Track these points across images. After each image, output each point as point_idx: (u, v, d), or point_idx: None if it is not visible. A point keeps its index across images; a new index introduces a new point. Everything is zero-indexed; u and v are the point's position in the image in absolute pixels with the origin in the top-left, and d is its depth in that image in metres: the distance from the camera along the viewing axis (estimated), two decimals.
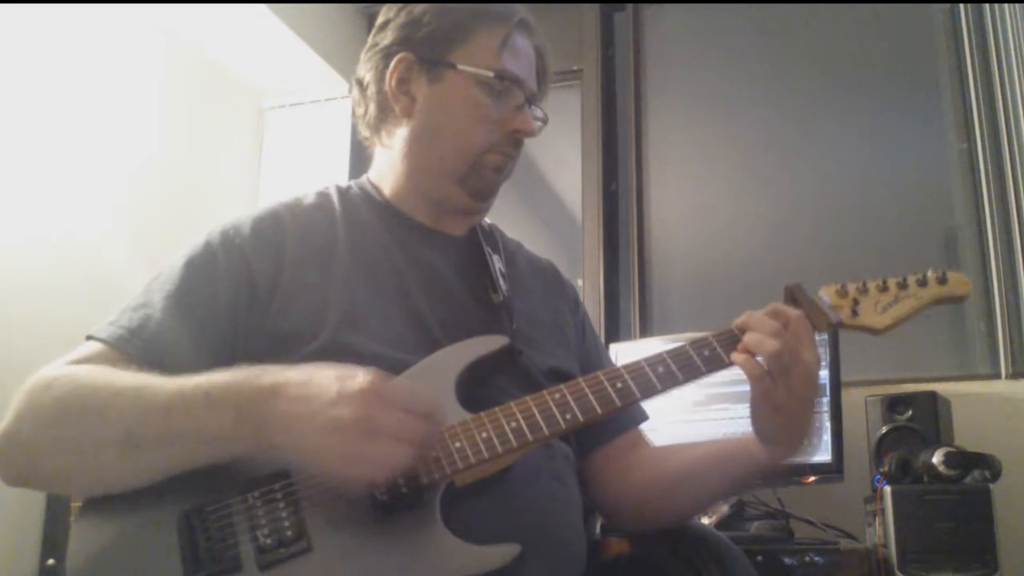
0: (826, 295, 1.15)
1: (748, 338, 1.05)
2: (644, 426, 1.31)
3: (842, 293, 1.14)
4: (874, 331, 1.13)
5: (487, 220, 1.35)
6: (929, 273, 1.15)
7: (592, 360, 1.30)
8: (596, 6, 3.07)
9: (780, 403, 1.04)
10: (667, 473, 1.23)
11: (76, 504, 1.01)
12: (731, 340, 1.07)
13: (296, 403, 0.90)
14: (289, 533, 0.92)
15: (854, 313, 1.13)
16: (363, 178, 1.30)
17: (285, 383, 0.92)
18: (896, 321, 1.12)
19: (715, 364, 1.07)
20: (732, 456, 1.16)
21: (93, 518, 0.97)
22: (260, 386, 0.92)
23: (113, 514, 0.96)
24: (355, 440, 0.87)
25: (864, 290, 1.14)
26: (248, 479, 0.95)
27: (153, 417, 0.94)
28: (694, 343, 1.08)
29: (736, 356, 1.05)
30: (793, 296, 1.14)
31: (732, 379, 1.14)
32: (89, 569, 0.95)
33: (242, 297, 1.09)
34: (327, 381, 0.90)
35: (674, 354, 1.07)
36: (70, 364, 1.03)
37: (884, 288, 1.14)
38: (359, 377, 0.89)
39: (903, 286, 1.14)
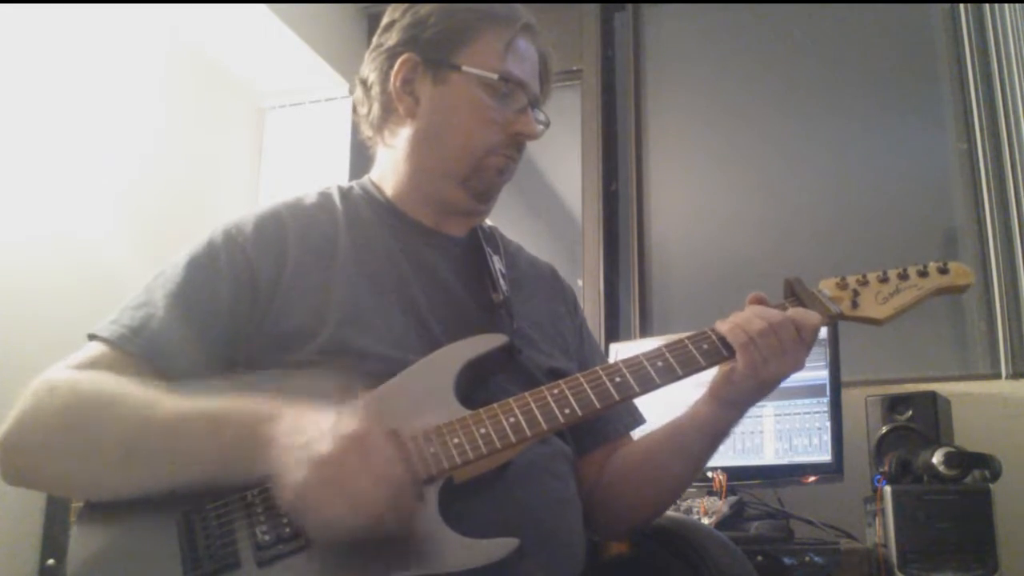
0: (826, 288, 1.15)
1: (736, 316, 1.08)
2: (642, 430, 1.31)
3: (842, 285, 1.15)
4: (875, 322, 1.13)
5: (488, 222, 1.36)
6: (930, 264, 1.15)
7: (590, 365, 1.29)
8: (596, 6, 3.07)
9: (766, 378, 1.07)
10: (630, 463, 1.23)
11: (76, 504, 1.02)
12: None
13: (286, 442, 0.90)
14: (287, 530, 0.92)
15: (854, 304, 1.13)
16: (365, 178, 1.30)
17: (281, 419, 0.92)
18: (897, 311, 1.12)
19: (714, 357, 1.08)
20: (682, 430, 1.17)
21: (93, 518, 0.97)
22: (258, 415, 0.93)
23: (113, 514, 0.96)
24: (325, 487, 0.87)
25: (864, 282, 1.14)
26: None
27: (152, 433, 0.95)
28: (693, 337, 1.09)
29: (721, 324, 1.08)
30: (793, 289, 1.14)
31: None
32: (89, 569, 0.95)
33: (244, 296, 1.10)
34: (321, 423, 0.90)
35: (673, 348, 1.08)
36: (75, 368, 1.04)
37: (885, 279, 1.14)
38: (349, 426, 0.89)
39: (904, 277, 1.14)
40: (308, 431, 0.89)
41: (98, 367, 1.03)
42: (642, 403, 1.23)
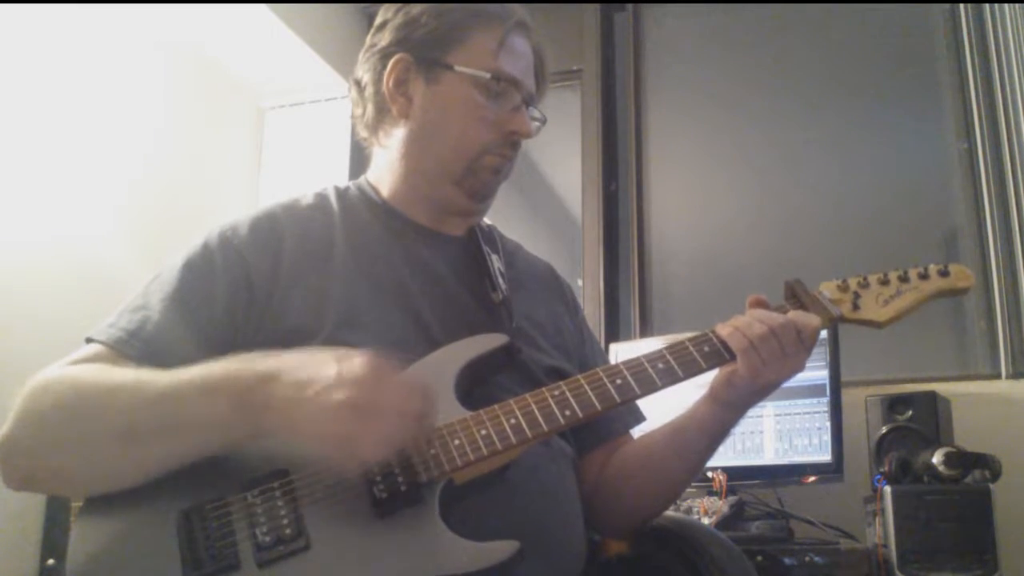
0: (827, 290, 1.15)
1: (736, 320, 1.08)
2: (642, 428, 1.31)
3: (843, 287, 1.14)
4: (876, 324, 1.12)
5: (486, 221, 1.35)
6: (931, 266, 1.14)
7: (590, 363, 1.29)
8: (596, 6, 3.07)
9: (767, 382, 1.07)
10: (631, 462, 1.23)
11: (76, 504, 1.02)
12: None
13: (292, 388, 0.90)
14: (288, 531, 0.92)
15: (855, 307, 1.13)
16: (361, 179, 1.30)
17: (281, 368, 0.92)
18: (898, 314, 1.12)
19: (715, 359, 1.08)
20: (684, 430, 1.17)
21: (93, 518, 0.97)
22: (256, 372, 0.93)
23: (113, 514, 0.96)
24: (352, 421, 0.88)
25: (865, 284, 1.14)
26: (247, 478, 0.95)
27: (150, 409, 0.94)
28: (694, 339, 1.09)
29: (721, 328, 1.08)
30: (793, 291, 1.14)
31: None
32: (89, 569, 0.95)
33: (240, 298, 1.09)
34: (324, 365, 0.90)
35: (674, 350, 1.08)
36: (69, 366, 1.04)
37: (885, 281, 1.14)
38: (356, 359, 0.90)
39: (905, 279, 1.14)
40: (314, 381, 0.89)
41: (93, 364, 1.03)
42: (642, 402, 1.22)
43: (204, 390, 0.93)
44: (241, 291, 1.09)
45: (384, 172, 1.27)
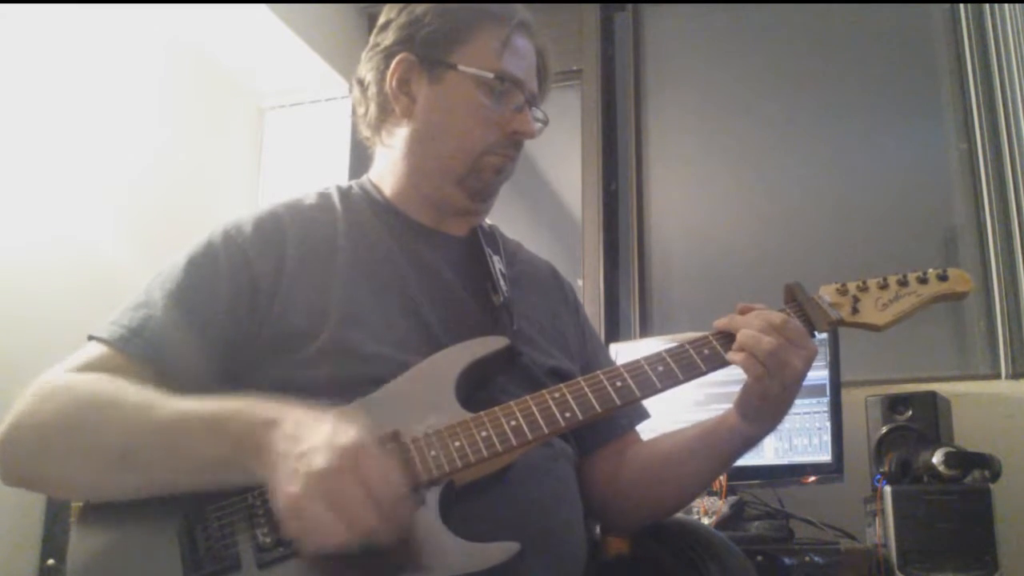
0: (826, 294, 1.15)
1: (743, 336, 1.05)
2: (644, 427, 1.31)
3: (842, 291, 1.15)
4: (875, 328, 1.13)
5: (488, 221, 1.36)
6: (930, 270, 1.15)
7: (593, 362, 1.29)
8: (596, 6, 3.07)
9: (773, 395, 1.06)
10: (654, 461, 1.23)
11: (77, 504, 1.02)
12: (730, 339, 1.08)
13: (283, 442, 0.89)
14: None
15: (854, 311, 1.13)
16: (364, 178, 1.30)
17: (282, 418, 0.91)
18: (897, 318, 1.13)
19: (715, 363, 1.08)
20: (713, 433, 1.17)
21: (93, 518, 0.98)
22: (258, 416, 0.92)
23: (113, 514, 0.96)
24: (315, 499, 0.84)
25: (864, 288, 1.15)
26: None
27: (151, 437, 0.95)
28: (693, 342, 1.09)
29: (733, 355, 1.06)
30: (793, 295, 1.14)
31: (731, 379, 1.15)
32: (89, 569, 0.95)
33: (243, 297, 1.09)
34: (318, 426, 0.88)
35: (674, 353, 1.08)
36: (74, 370, 1.04)
37: (884, 285, 1.15)
38: (349, 432, 0.87)
39: (904, 283, 1.15)
40: (305, 440, 0.87)
41: (97, 368, 1.03)
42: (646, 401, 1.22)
43: (210, 427, 0.93)
44: (244, 290, 1.09)
45: (386, 172, 1.27)
